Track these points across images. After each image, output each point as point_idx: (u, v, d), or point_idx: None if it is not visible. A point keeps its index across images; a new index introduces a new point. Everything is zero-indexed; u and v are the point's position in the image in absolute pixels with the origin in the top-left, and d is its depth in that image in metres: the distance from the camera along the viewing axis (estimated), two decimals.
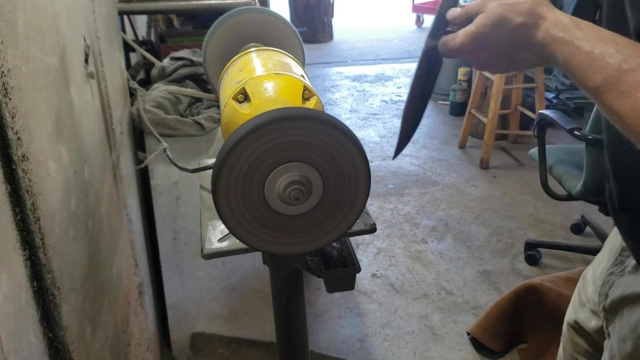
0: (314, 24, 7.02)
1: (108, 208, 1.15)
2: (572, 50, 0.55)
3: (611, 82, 0.51)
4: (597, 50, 0.53)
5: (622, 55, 0.51)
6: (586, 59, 0.53)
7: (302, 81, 0.89)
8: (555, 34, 0.56)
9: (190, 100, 1.74)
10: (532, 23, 0.58)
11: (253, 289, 1.82)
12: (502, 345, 1.98)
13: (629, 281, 0.75)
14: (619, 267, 0.79)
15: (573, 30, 0.55)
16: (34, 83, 0.71)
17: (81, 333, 0.84)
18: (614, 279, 0.79)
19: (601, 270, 0.85)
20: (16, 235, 0.62)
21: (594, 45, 0.53)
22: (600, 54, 0.52)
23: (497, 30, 0.61)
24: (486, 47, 0.63)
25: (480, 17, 0.63)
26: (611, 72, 0.51)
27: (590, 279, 0.90)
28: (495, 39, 0.62)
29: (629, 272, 0.76)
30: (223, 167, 0.71)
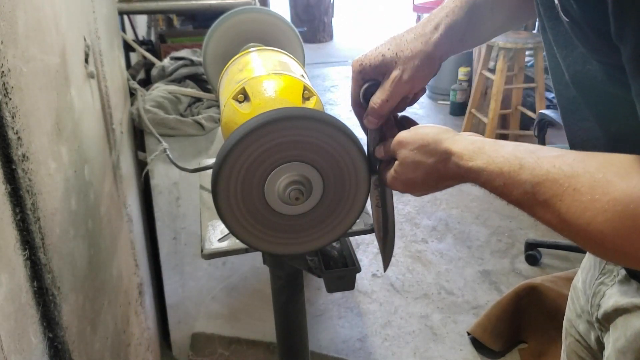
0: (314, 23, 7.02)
1: (108, 208, 1.15)
2: (485, 175, 0.57)
3: (528, 197, 0.53)
4: (506, 170, 0.55)
5: (528, 169, 0.53)
6: (501, 181, 0.55)
7: (302, 81, 0.89)
8: (464, 166, 0.60)
9: (190, 100, 1.74)
10: (443, 159, 0.63)
11: (253, 289, 1.82)
12: (503, 345, 1.98)
13: (621, 291, 0.74)
14: (608, 276, 0.78)
15: (479, 157, 0.58)
16: (34, 83, 0.71)
17: (81, 333, 0.84)
18: (604, 289, 0.78)
19: (590, 280, 0.84)
20: (16, 235, 0.62)
21: (502, 165, 0.55)
22: (510, 172, 0.54)
23: (415, 172, 0.67)
24: (412, 185, 0.69)
25: (397, 164, 0.69)
26: (526, 188, 0.53)
27: (581, 289, 0.88)
28: (417, 178, 0.68)
29: (620, 281, 0.75)
30: (223, 167, 0.71)
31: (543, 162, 0.52)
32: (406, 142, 0.68)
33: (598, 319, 0.79)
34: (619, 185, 0.46)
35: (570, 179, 0.49)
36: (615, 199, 0.46)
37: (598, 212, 0.47)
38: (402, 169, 0.69)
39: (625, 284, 0.73)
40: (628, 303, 0.72)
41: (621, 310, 0.73)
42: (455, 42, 0.75)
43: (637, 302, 0.71)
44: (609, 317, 0.76)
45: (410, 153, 0.67)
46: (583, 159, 0.50)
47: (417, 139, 0.66)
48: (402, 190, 0.72)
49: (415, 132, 0.67)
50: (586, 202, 0.48)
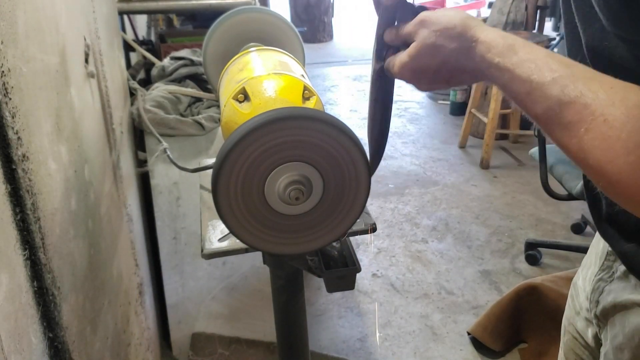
0: (314, 23, 7.02)
1: (108, 208, 1.15)
2: (509, 77, 0.52)
3: (552, 115, 0.49)
4: (534, 79, 0.50)
5: (559, 84, 0.48)
6: (524, 88, 0.51)
7: (302, 81, 0.89)
8: (490, 60, 0.54)
9: (190, 100, 1.74)
10: (466, 47, 0.57)
11: (253, 289, 1.82)
12: (503, 345, 1.98)
13: (619, 288, 0.74)
14: (606, 273, 0.77)
15: (508, 54, 0.53)
16: (34, 83, 0.71)
17: (81, 333, 0.84)
18: (603, 285, 0.78)
19: (590, 276, 0.83)
20: (16, 235, 0.62)
21: (531, 72, 0.50)
22: (538, 83, 0.49)
23: (431, 58, 0.60)
24: (423, 73, 0.63)
25: (413, 46, 0.62)
26: (551, 104, 0.48)
27: (581, 286, 0.88)
28: (431, 65, 0.61)
29: (619, 277, 0.74)
30: (223, 167, 0.71)
31: (577, 81, 0.47)
32: (430, 21, 0.60)
33: (596, 316, 0.79)
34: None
35: (605, 108, 0.45)
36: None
37: (621, 152, 0.44)
38: (417, 52, 0.61)
39: (624, 280, 0.73)
40: (626, 300, 0.71)
41: (619, 306, 0.72)
42: None
43: (634, 299, 0.70)
44: (607, 314, 0.76)
45: (432, 34, 0.59)
46: (623, 88, 0.46)
47: (442, 20, 0.59)
48: (408, 79, 0.65)
49: (443, 13, 0.60)
50: (613, 138, 0.44)
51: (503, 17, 3.68)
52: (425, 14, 0.62)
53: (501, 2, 3.68)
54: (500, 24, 3.67)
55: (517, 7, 3.64)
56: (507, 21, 3.66)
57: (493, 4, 3.85)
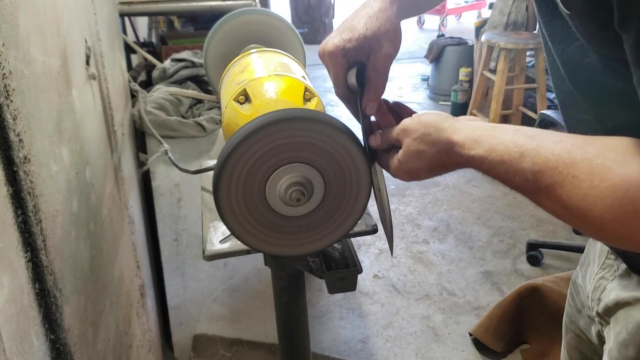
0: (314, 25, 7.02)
1: (110, 209, 1.15)
2: (488, 163, 0.57)
3: (530, 184, 0.53)
4: (506, 159, 0.55)
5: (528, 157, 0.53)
6: (501, 169, 0.56)
7: (303, 82, 0.89)
8: (467, 154, 0.60)
9: (191, 101, 1.74)
10: (445, 149, 0.63)
11: (254, 290, 1.82)
12: (504, 345, 1.97)
13: (622, 285, 0.75)
14: (608, 271, 0.78)
15: (480, 145, 0.58)
16: (36, 85, 0.72)
17: (83, 335, 0.84)
18: (605, 284, 0.78)
19: (590, 275, 0.84)
20: (18, 237, 0.62)
21: (503, 154, 0.55)
22: (510, 160, 0.54)
23: (418, 162, 0.67)
24: (416, 173, 0.69)
25: (400, 153, 0.69)
26: (526, 176, 0.53)
27: (581, 285, 0.89)
28: (421, 166, 0.67)
29: (620, 275, 0.75)
30: (224, 169, 0.71)
31: (542, 149, 0.52)
32: (409, 130, 0.67)
33: (599, 313, 0.79)
34: (618, 172, 0.47)
35: (569, 166, 0.50)
36: (614, 185, 0.47)
37: (597, 198, 0.48)
38: (405, 158, 0.68)
39: (626, 278, 0.74)
40: (629, 296, 0.72)
41: (622, 303, 0.73)
42: (407, 10, 0.77)
43: (638, 295, 0.71)
44: (610, 311, 0.76)
45: (414, 142, 0.66)
46: (581, 144, 0.50)
47: (419, 128, 0.66)
48: (406, 179, 0.71)
49: (418, 120, 0.67)
50: (586, 188, 0.48)
51: (504, 18, 3.68)
52: (405, 122, 0.68)
53: (502, 3, 3.68)
54: (501, 25, 3.67)
55: (517, 8, 3.64)
56: (508, 22, 3.66)
57: (494, 5, 3.85)
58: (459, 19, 7.88)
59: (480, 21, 4.07)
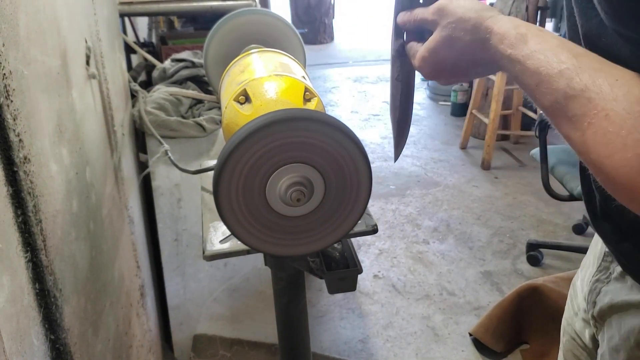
0: (314, 25, 7.03)
1: (110, 210, 1.15)
2: (520, 68, 0.53)
3: (558, 107, 0.49)
4: (543, 71, 0.50)
5: (565, 77, 0.48)
6: (534, 80, 0.51)
7: (303, 82, 0.89)
8: (503, 52, 0.55)
9: (191, 101, 1.74)
10: (480, 39, 0.57)
11: (255, 291, 1.82)
12: (504, 346, 1.97)
13: (616, 289, 0.74)
14: (604, 274, 0.77)
15: (519, 46, 0.53)
16: (36, 85, 0.72)
17: (83, 335, 0.84)
18: (600, 286, 0.77)
19: (587, 277, 0.83)
20: (18, 237, 0.62)
21: (540, 64, 0.51)
22: (546, 75, 0.50)
23: (448, 51, 0.61)
24: (442, 67, 0.63)
25: (431, 40, 0.63)
26: (557, 97, 0.49)
27: (579, 287, 0.88)
28: (449, 58, 0.61)
29: (615, 278, 0.74)
30: (224, 169, 0.71)
31: (584, 74, 0.47)
32: (447, 12, 0.60)
33: (594, 316, 0.79)
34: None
35: (607, 103, 0.45)
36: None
37: (619, 148, 0.44)
38: (435, 45, 0.62)
39: (620, 281, 0.73)
40: (622, 301, 0.71)
41: (616, 307, 0.72)
42: None
43: (630, 300, 0.70)
44: (604, 315, 0.76)
45: (448, 26, 0.60)
46: (628, 82, 0.45)
47: (458, 12, 0.60)
48: (428, 75, 0.65)
49: (458, 4, 0.60)
50: (612, 133, 0.44)
51: None
52: (443, 2, 0.62)
53: (502, 3, 3.68)
54: None
55: (517, 7, 3.64)
56: None
57: (494, 5, 3.86)
58: None
59: None
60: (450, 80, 0.66)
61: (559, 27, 4.94)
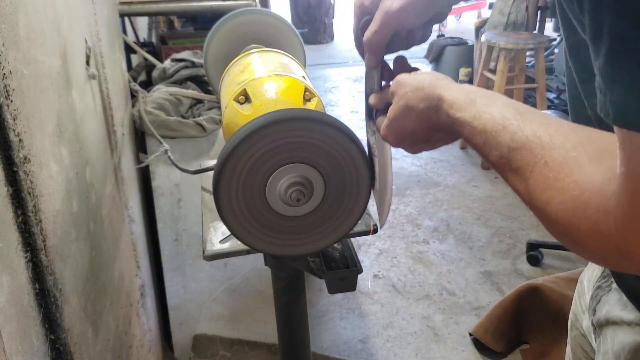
0: (314, 25, 7.03)
1: (110, 210, 1.15)
2: (469, 130, 0.55)
3: (504, 162, 0.51)
4: (488, 129, 0.53)
5: (509, 132, 0.51)
6: (481, 138, 0.54)
7: (303, 82, 0.89)
8: (453, 115, 0.57)
9: (191, 101, 1.74)
10: (433, 106, 0.60)
11: (255, 291, 1.82)
12: (505, 346, 1.97)
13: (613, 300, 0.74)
14: (606, 281, 0.78)
15: (468, 108, 0.56)
16: (36, 85, 0.72)
17: (83, 335, 0.84)
18: (601, 294, 0.78)
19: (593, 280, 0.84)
20: (18, 237, 0.62)
21: (486, 123, 0.53)
22: (491, 132, 0.52)
23: (406, 118, 0.64)
24: (402, 134, 0.66)
25: (390, 110, 0.66)
26: (502, 152, 0.51)
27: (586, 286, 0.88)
28: (408, 125, 0.65)
29: (615, 289, 0.74)
30: (224, 169, 0.71)
31: (526, 128, 0.49)
32: (404, 82, 0.65)
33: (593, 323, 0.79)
34: (586, 169, 0.43)
35: (546, 151, 0.47)
36: (575, 181, 0.44)
37: (557, 192, 0.45)
38: (394, 114, 0.66)
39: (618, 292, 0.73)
40: (616, 316, 0.72)
41: (611, 321, 0.73)
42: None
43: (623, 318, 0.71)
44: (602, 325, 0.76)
45: (405, 95, 0.64)
46: (566, 131, 0.47)
47: (413, 82, 0.64)
48: (393, 142, 0.68)
49: (414, 76, 0.65)
50: (551, 179, 0.46)
51: (504, 18, 3.68)
52: (401, 76, 0.66)
53: (502, 3, 3.68)
54: (501, 25, 3.67)
55: (517, 7, 3.64)
56: (508, 22, 3.66)
57: (494, 5, 3.85)
58: (459, 19, 7.88)
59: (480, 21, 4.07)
60: (414, 148, 0.68)
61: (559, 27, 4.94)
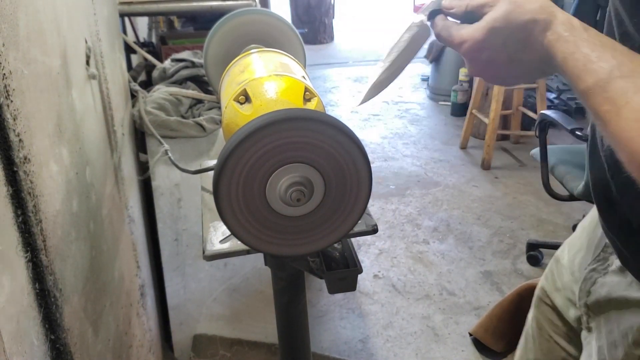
0: (314, 25, 7.03)
1: (110, 210, 1.15)
2: (572, 49, 0.54)
3: (600, 85, 0.51)
4: (594, 53, 0.52)
5: (616, 61, 0.51)
6: (582, 60, 0.53)
7: (303, 82, 0.89)
8: (561, 32, 0.56)
9: (191, 101, 1.74)
10: (543, 20, 0.57)
11: (255, 290, 1.82)
12: (504, 345, 1.97)
13: (614, 282, 0.74)
14: (601, 264, 0.78)
15: (578, 31, 0.55)
16: (36, 85, 0.72)
17: (83, 335, 0.84)
18: (596, 277, 0.78)
19: (580, 262, 0.84)
20: (18, 237, 0.62)
21: (594, 48, 0.53)
22: (597, 57, 0.52)
23: (506, 24, 0.58)
24: (491, 44, 0.60)
25: (491, 13, 0.60)
26: (602, 76, 0.51)
27: (567, 266, 0.89)
28: (502, 35, 0.59)
29: (613, 271, 0.75)
30: (224, 169, 0.71)
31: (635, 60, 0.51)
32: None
33: (587, 305, 0.80)
34: None
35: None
36: None
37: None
38: (494, 15, 0.59)
39: (619, 275, 0.73)
40: (621, 297, 0.72)
41: (614, 302, 0.73)
42: None
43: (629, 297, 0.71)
44: (601, 307, 0.77)
45: (511, 3, 0.58)
46: None
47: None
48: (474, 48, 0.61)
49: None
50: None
51: None
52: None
53: None
54: None
55: None
56: None
57: None
58: None
59: None
60: (485, 66, 0.63)
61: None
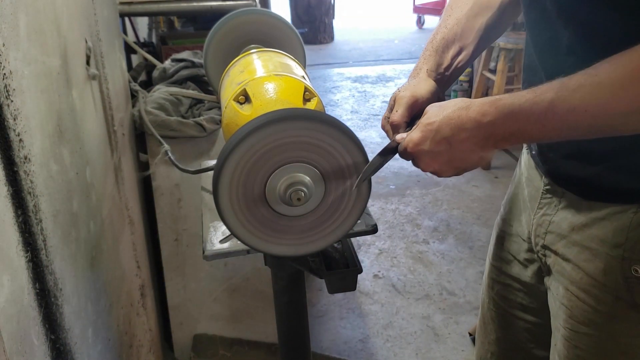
0: (314, 24, 7.03)
1: (110, 209, 1.15)
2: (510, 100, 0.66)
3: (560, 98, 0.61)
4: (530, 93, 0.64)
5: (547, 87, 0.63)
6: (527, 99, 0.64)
7: (303, 82, 0.89)
8: (485, 101, 0.68)
9: (191, 101, 1.74)
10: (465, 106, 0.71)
11: (255, 290, 1.82)
12: None
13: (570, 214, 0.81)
14: (548, 207, 0.86)
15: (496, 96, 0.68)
16: (36, 85, 0.72)
17: (83, 335, 0.84)
18: (549, 218, 0.85)
19: (526, 220, 0.92)
20: (18, 236, 0.62)
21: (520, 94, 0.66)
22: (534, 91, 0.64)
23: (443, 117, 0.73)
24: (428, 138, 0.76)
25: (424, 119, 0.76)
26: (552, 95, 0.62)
27: (515, 233, 0.97)
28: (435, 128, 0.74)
29: (563, 208, 0.83)
30: (224, 169, 0.72)
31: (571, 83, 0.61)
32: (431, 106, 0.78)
33: (545, 246, 0.87)
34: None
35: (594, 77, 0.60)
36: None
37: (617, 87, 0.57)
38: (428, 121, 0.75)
39: (574, 206, 0.81)
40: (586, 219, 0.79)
41: (579, 226, 0.80)
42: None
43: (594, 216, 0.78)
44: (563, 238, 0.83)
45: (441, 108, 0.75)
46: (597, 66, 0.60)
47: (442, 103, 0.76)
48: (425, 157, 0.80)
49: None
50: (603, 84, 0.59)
51: None
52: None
53: None
54: None
55: None
56: None
57: None
58: None
59: None
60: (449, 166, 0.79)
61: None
